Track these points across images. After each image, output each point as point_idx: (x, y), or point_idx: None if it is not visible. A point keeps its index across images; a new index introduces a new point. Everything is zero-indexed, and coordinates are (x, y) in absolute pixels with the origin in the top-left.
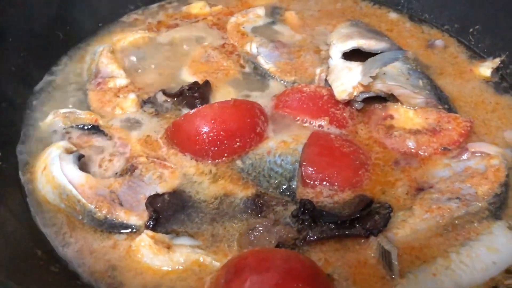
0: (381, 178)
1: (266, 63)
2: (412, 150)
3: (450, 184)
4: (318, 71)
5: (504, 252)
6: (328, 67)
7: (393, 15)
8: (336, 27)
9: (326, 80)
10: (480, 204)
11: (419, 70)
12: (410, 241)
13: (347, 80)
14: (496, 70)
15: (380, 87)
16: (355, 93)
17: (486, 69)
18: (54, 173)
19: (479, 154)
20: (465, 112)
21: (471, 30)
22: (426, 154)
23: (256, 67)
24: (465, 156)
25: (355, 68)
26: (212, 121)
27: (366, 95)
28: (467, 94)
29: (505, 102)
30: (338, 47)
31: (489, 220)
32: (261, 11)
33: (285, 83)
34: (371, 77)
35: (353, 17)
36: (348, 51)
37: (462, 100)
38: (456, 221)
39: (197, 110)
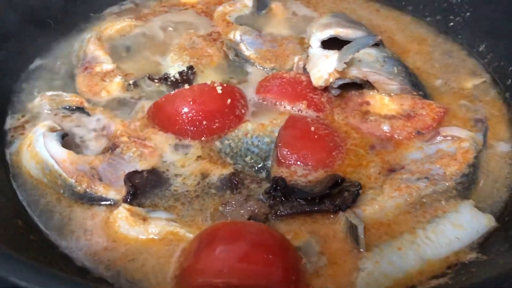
0: (355, 161)
1: (247, 50)
2: (387, 134)
3: (420, 165)
4: (296, 59)
5: (468, 228)
6: (308, 56)
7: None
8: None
9: (304, 68)
10: (447, 184)
11: (395, 57)
12: (379, 217)
13: (323, 67)
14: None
15: (355, 73)
16: (331, 80)
17: None
18: (37, 149)
19: (451, 138)
20: None
21: (451, 24)
22: (400, 137)
23: (238, 54)
24: (437, 140)
25: (332, 56)
26: (191, 102)
27: (342, 82)
28: None
29: None
30: (317, 35)
31: (456, 199)
32: (248, 1)
33: (264, 70)
34: (345, 63)
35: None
36: (326, 39)
37: None
38: (424, 200)
39: (178, 91)
